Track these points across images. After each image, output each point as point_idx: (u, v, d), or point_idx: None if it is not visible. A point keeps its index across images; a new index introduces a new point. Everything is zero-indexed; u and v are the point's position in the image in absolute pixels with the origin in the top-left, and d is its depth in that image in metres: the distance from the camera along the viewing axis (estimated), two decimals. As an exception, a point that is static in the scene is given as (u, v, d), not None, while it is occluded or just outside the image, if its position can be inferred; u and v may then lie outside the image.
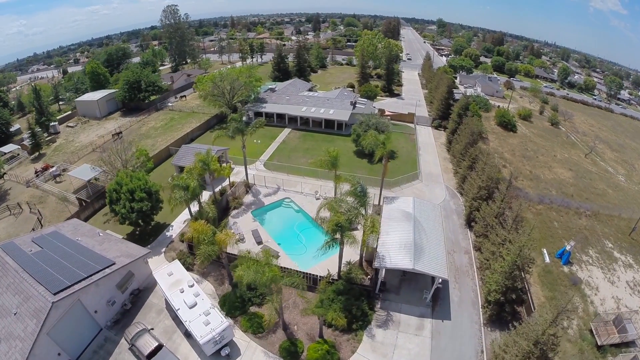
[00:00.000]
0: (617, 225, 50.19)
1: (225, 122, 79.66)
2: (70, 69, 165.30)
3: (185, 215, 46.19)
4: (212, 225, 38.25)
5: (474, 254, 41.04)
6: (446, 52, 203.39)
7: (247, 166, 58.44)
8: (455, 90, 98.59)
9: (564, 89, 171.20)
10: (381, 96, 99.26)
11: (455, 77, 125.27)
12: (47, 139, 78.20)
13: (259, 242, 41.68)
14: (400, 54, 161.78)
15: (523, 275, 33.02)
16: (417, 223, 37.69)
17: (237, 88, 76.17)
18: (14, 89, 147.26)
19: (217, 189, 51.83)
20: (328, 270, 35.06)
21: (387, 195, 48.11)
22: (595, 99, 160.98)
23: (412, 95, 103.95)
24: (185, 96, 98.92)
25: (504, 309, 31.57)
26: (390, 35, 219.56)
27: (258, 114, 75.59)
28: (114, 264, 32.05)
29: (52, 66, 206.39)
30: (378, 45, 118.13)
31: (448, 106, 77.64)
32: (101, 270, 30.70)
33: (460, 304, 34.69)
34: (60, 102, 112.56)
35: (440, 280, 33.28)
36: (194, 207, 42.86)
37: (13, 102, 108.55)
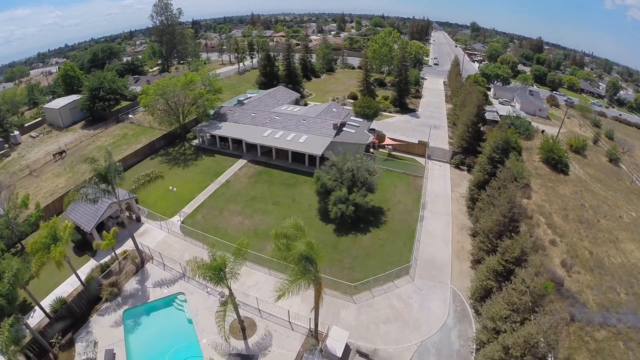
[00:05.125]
0: None
1: (174, 145, 58.67)
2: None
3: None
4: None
5: None
6: (479, 58, 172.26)
7: (160, 223, 38.22)
8: (487, 108, 72.29)
9: (614, 107, 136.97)
10: (390, 112, 74.10)
11: (489, 89, 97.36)
12: (2, 151, 65.08)
13: (109, 376, 22.83)
14: (426, 58, 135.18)
15: None
16: None
17: (188, 103, 54.02)
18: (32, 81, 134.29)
19: (104, 260, 33.90)
20: None
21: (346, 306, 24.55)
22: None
23: (432, 110, 78.04)
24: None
25: None
26: (417, 37, 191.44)
27: (214, 137, 53.44)
28: None
29: (68, 60, 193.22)
30: (393, 45, 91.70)
31: (477, 135, 52.44)
32: None
33: None
34: (41, 106, 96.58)
35: None
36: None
37: None
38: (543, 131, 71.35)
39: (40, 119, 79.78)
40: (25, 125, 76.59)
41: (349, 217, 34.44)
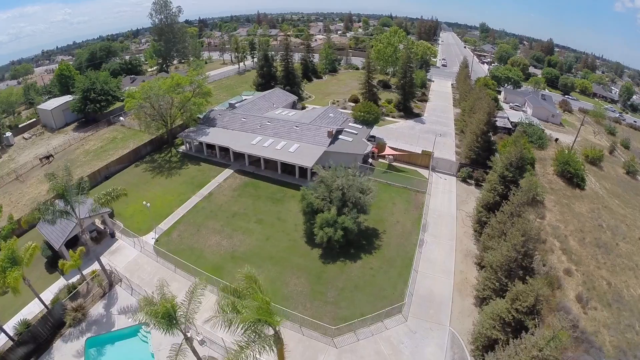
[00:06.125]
0: None
1: (161, 151, 54.88)
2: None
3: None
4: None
5: None
6: (488, 60, 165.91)
7: (133, 240, 34.79)
8: (498, 114, 67.41)
9: (627, 113, 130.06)
10: (393, 116, 69.48)
11: (499, 92, 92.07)
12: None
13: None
14: (434, 59, 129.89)
15: None
16: None
17: (176, 107, 50.34)
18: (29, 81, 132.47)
19: (72, 280, 31.30)
20: None
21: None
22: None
23: (439, 115, 73.20)
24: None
25: None
26: (425, 37, 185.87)
27: (201, 143, 49.58)
28: None
29: (72, 58, 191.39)
30: (399, 46, 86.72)
31: (486, 145, 47.81)
32: None
33: None
34: (36, 106, 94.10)
35: None
36: None
37: None
38: (557, 139, 66.24)
39: (35, 119, 77.35)
40: (20, 125, 74.40)
41: (336, 242, 30.22)
